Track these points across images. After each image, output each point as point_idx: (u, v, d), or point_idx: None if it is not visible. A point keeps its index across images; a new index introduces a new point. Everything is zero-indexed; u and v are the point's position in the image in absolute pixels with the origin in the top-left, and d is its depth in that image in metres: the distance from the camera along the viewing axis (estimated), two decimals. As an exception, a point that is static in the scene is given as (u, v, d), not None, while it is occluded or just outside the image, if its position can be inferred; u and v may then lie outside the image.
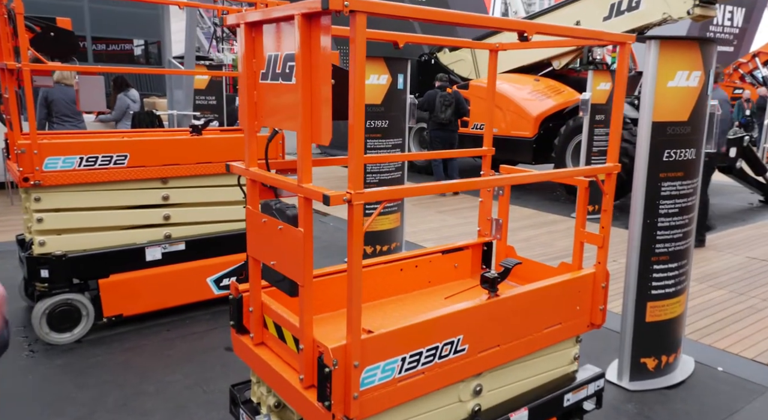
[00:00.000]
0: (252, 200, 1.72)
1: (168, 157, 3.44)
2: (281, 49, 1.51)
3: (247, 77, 1.64)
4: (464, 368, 1.74)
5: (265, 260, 1.66)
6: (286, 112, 1.53)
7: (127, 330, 3.40)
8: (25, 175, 2.99)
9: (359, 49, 1.30)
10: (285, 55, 1.49)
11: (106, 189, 3.29)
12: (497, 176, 1.86)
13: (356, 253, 1.41)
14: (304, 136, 1.43)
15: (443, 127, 7.88)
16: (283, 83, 1.51)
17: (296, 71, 1.43)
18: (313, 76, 1.40)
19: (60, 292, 3.17)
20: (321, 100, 1.39)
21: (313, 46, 1.38)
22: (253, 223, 1.70)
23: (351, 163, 1.37)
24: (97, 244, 3.30)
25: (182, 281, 3.58)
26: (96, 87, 3.59)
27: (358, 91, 1.32)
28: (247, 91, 1.65)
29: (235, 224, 3.77)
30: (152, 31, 11.70)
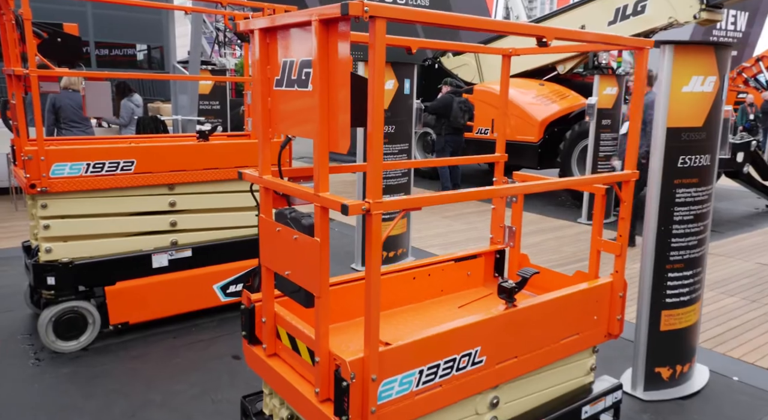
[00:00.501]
0: (265, 208, 1.69)
1: (175, 163, 3.41)
2: (297, 56, 1.49)
3: (261, 84, 1.61)
4: (482, 380, 1.70)
5: (279, 270, 1.63)
6: (302, 119, 1.50)
7: (133, 338, 3.37)
8: (32, 182, 2.97)
9: (378, 55, 1.27)
10: (301, 61, 1.47)
11: (112, 195, 3.27)
12: (515, 185, 1.82)
13: (375, 264, 1.38)
14: (321, 144, 1.40)
15: (458, 132, 7.88)
16: (299, 90, 1.48)
17: (313, 78, 1.40)
18: (330, 83, 1.37)
19: (66, 299, 3.14)
20: (338, 107, 1.36)
21: (330, 53, 1.35)
22: (266, 232, 1.67)
23: (369, 171, 1.33)
24: (103, 251, 3.27)
25: (189, 288, 3.54)
26: (103, 93, 3.57)
27: (377, 97, 1.29)
28: (261, 98, 1.62)
29: (242, 231, 3.74)
30: (155, 36, 11.73)
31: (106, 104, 3.61)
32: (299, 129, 1.53)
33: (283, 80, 1.55)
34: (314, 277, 1.45)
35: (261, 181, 1.67)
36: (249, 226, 3.78)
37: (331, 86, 1.37)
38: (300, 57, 1.47)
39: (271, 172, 1.71)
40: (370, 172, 1.33)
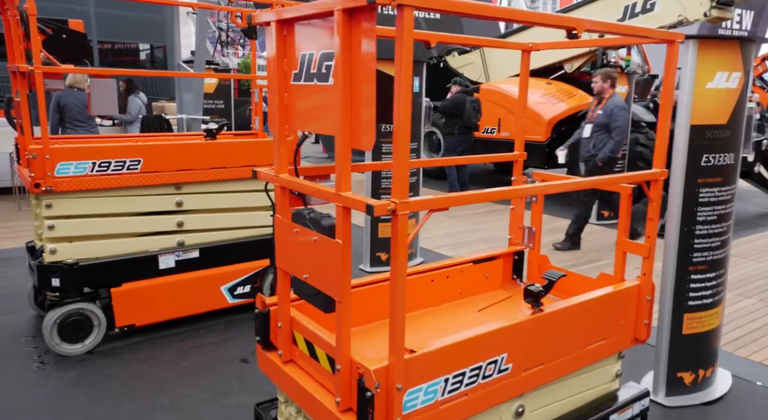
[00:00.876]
0: (282, 209, 1.62)
1: (182, 162, 3.34)
2: (317, 48, 1.41)
3: (277, 78, 1.54)
4: (508, 388, 1.62)
5: (297, 273, 1.55)
6: (322, 115, 1.43)
7: (139, 340, 3.30)
8: (37, 181, 2.90)
9: (406, 47, 1.20)
10: (321, 54, 1.39)
11: (118, 195, 3.20)
12: (539, 184, 1.74)
13: (400, 268, 1.30)
14: (343, 141, 1.33)
15: (469, 132, 7.82)
16: (319, 84, 1.41)
17: (335, 71, 1.33)
18: (354, 77, 1.29)
19: (71, 301, 3.07)
20: (362, 102, 1.28)
21: (354, 44, 1.28)
22: (283, 233, 1.60)
23: (396, 170, 1.26)
24: (109, 252, 3.20)
25: (196, 290, 3.47)
26: (108, 90, 3.50)
27: (404, 93, 1.22)
28: (278, 93, 1.55)
29: (250, 231, 3.67)
30: (158, 36, 11.69)
31: (112, 102, 3.54)
32: (319, 125, 1.46)
33: (302, 74, 1.48)
34: (335, 280, 1.38)
35: (278, 180, 1.60)
36: (257, 226, 3.71)
37: (354, 80, 1.29)
38: (320, 49, 1.40)
39: (288, 170, 1.63)
40: (397, 170, 1.26)
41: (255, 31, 4.14)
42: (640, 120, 7.12)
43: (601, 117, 5.26)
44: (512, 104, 8.61)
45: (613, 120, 5.17)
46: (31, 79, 2.96)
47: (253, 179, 3.76)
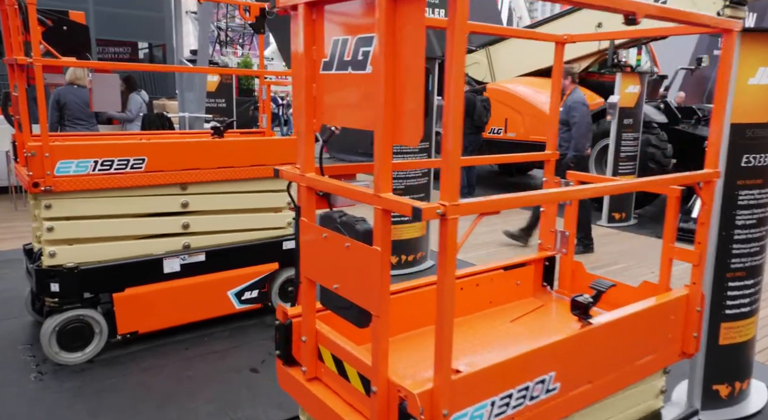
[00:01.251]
0: (308, 211, 1.47)
1: (188, 160, 3.19)
2: (352, 33, 1.26)
3: (305, 67, 1.39)
4: (555, 410, 1.47)
5: (325, 283, 1.41)
6: (357, 108, 1.28)
7: (142, 348, 3.14)
8: (35, 180, 2.74)
9: (459, 38, 1.05)
10: (357, 39, 1.25)
11: (121, 195, 3.05)
12: (582, 187, 1.58)
13: (448, 280, 1.16)
14: (384, 136, 1.18)
15: (479, 132, 7.68)
16: (354, 73, 1.26)
17: (374, 58, 1.18)
18: (397, 63, 1.15)
19: (71, 307, 2.91)
20: (407, 91, 1.13)
21: (399, 26, 1.13)
22: (309, 239, 1.45)
23: (445, 169, 1.11)
24: (111, 255, 3.05)
25: (201, 295, 3.32)
26: (111, 86, 3.35)
27: (456, 86, 1.07)
28: (305, 84, 1.40)
29: (257, 233, 3.52)
30: (157, 34, 11.53)
31: (114, 98, 3.39)
32: (353, 119, 1.31)
33: (333, 62, 1.33)
34: (372, 292, 1.23)
35: (304, 180, 1.45)
36: (265, 228, 3.56)
37: (398, 67, 1.15)
38: (356, 34, 1.25)
39: (313, 169, 1.48)
40: (446, 169, 1.11)
41: (263, 26, 3.99)
42: (651, 121, 6.99)
43: (561, 114, 5.15)
44: (520, 104, 8.49)
45: (571, 116, 5.03)
46: (30, 72, 2.80)
47: (261, 179, 3.60)
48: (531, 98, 8.23)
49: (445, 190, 1.12)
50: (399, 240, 4.57)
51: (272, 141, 3.60)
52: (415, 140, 1.14)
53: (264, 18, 3.94)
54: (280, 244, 3.59)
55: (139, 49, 12.10)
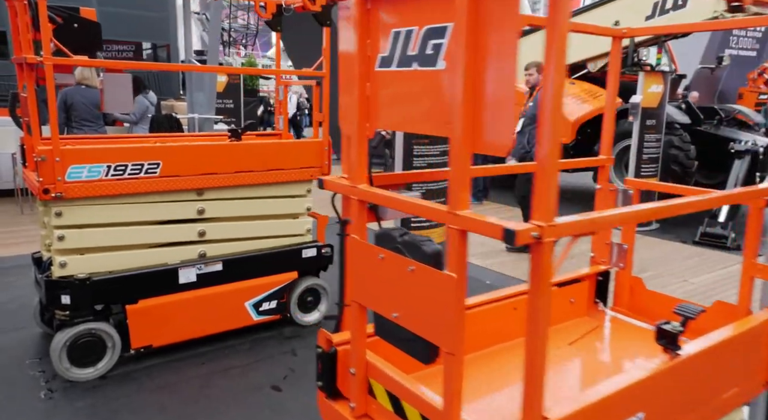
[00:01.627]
0: (359, 227, 1.30)
1: (205, 165, 3.02)
2: (420, 22, 1.09)
3: (359, 64, 1.22)
4: (641, 454, 1.29)
5: (381, 310, 1.23)
6: (425, 110, 1.10)
7: (156, 363, 2.98)
8: (46, 186, 2.58)
9: (561, 36, 0.88)
10: (426, 30, 1.07)
11: (135, 202, 2.88)
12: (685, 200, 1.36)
13: (543, 313, 0.98)
14: (462, 143, 1.00)
15: None
16: (422, 69, 1.09)
17: (449, 51, 1.01)
18: (481, 57, 0.97)
19: (83, 320, 2.74)
20: (494, 91, 0.96)
21: (484, 12, 0.96)
22: (361, 259, 1.27)
23: (541, 181, 0.94)
24: (124, 265, 2.88)
25: (218, 306, 3.15)
26: (122, 86, 3.19)
27: (557, 91, 0.90)
28: (358, 83, 1.22)
29: (276, 241, 3.35)
30: (161, 35, 11.41)
31: (126, 98, 3.23)
32: (418, 122, 1.14)
33: (393, 58, 1.16)
34: (444, 325, 1.06)
35: (355, 193, 1.27)
36: (283, 235, 3.39)
37: (482, 61, 0.97)
38: (425, 25, 1.08)
39: (363, 179, 1.31)
40: (543, 181, 0.93)
41: (280, 23, 3.83)
42: (673, 121, 6.79)
43: (532, 108, 4.94)
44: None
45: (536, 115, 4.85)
46: (39, 72, 2.64)
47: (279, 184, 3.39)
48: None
49: (541, 208, 0.94)
50: (419, 246, 4.39)
51: (292, 144, 3.44)
52: (504, 147, 0.96)
53: (281, 15, 3.78)
54: (299, 252, 3.42)
55: (144, 49, 11.98)
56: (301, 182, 3.42)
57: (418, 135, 4.23)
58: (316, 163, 3.43)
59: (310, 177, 3.43)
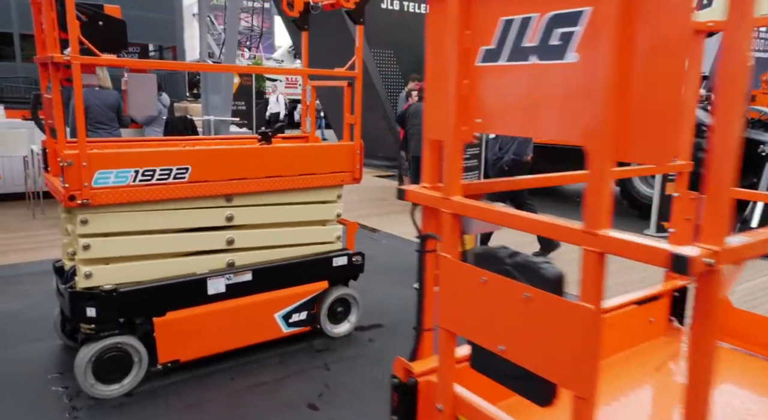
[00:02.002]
0: (452, 245, 1.14)
1: (235, 170, 2.87)
2: (541, 9, 0.94)
3: (455, 58, 1.06)
4: None
5: (483, 341, 1.07)
6: (548, 111, 0.95)
7: (184, 378, 2.82)
8: (72, 193, 2.43)
9: (746, 32, 0.72)
10: (552, 17, 0.92)
11: (163, 208, 2.73)
12: None
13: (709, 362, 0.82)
14: (605, 151, 0.85)
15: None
16: (544, 63, 0.94)
17: (584, 41, 0.85)
18: (633, 48, 0.81)
19: (109, 334, 2.60)
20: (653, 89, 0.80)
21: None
22: (456, 281, 1.11)
23: (714, 198, 0.78)
24: (151, 275, 2.73)
25: (247, 318, 3.00)
26: (147, 87, 3.05)
27: (735, 93, 0.74)
28: (454, 80, 1.07)
29: (304, 248, 3.20)
30: (167, 36, 11.34)
31: (150, 100, 3.10)
32: (537, 125, 0.98)
33: (502, 50, 1.01)
34: (574, 365, 0.90)
35: (449, 206, 1.12)
36: (312, 243, 3.24)
37: (633, 53, 0.81)
38: (549, 10, 0.92)
39: (435, 187, 1.15)
40: (716, 199, 0.78)
41: (307, 22, 3.69)
42: (701, 123, 6.61)
43: None
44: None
45: None
46: (65, 73, 2.50)
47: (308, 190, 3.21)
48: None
49: (714, 229, 0.78)
50: (448, 253, 4.23)
51: (323, 147, 3.29)
52: (664, 157, 0.81)
53: (308, 14, 3.64)
54: (329, 261, 3.27)
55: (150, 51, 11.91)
56: (331, 187, 3.27)
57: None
58: (347, 167, 3.28)
59: (340, 182, 3.28)
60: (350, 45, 2.95)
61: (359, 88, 3.31)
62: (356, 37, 3.26)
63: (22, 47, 9.80)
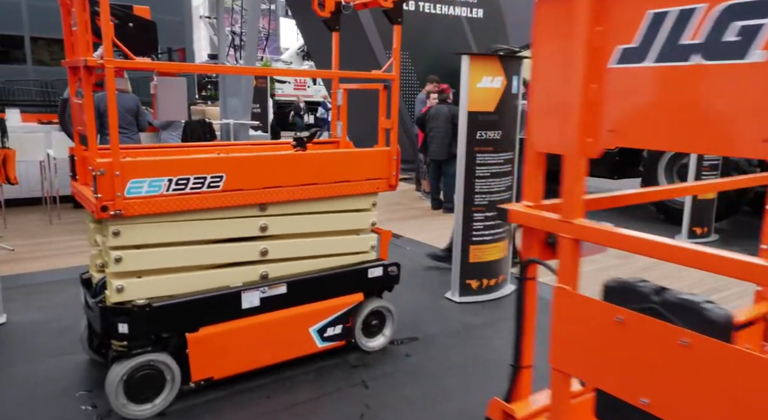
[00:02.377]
0: (571, 274, 0.99)
1: (270, 177, 2.74)
2: (708, 1, 0.79)
3: (583, 59, 0.91)
4: None
5: (617, 390, 0.92)
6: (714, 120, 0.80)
7: (217, 397, 2.69)
8: (104, 203, 2.31)
9: None
10: (728, 7, 0.77)
11: (196, 219, 2.60)
12: None
13: None
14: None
15: None
16: (713, 64, 0.78)
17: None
18: None
19: (142, 351, 2.47)
20: None
21: None
22: (579, 317, 0.96)
23: None
24: (183, 289, 2.60)
25: (282, 333, 2.86)
26: (177, 90, 2.91)
27: None
28: (580, 84, 0.92)
29: (338, 259, 3.06)
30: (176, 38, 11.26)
31: (181, 104, 2.95)
32: (699, 136, 0.83)
33: (649, 49, 0.85)
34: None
35: (569, 230, 0.96)
36: (347, 253, 3.10)
37: None
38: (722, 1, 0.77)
39: (539, 206, 1.00)
40: None
41: (339, 22, 3.55)
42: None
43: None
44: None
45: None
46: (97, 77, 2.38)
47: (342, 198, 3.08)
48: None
49: None
50: (481, 262, 4.08)
51: (359, 153, 3.14)
52: None
53: (339, 13, 3.50)
54: (365, 272, 3.13)
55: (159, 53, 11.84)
56: (366, 195, 3.13)
57: (484, 141, 3.94)
58: (383, 174, 3.14)
59: (376, 189, 3.14)
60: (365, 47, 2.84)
61: (396, 90, 3.17)
62: (394, 37, 3.12)
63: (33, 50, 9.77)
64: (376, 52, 9.01)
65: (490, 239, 4.08)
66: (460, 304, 4.01)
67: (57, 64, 8.90)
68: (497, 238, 4.12)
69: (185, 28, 11.01)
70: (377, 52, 9.05)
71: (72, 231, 5.71)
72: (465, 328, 3.63)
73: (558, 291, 1.01)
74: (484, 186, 3.99)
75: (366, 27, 8.77)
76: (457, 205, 4.05)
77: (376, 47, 9.01)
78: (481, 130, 3.90)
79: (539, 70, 1.01)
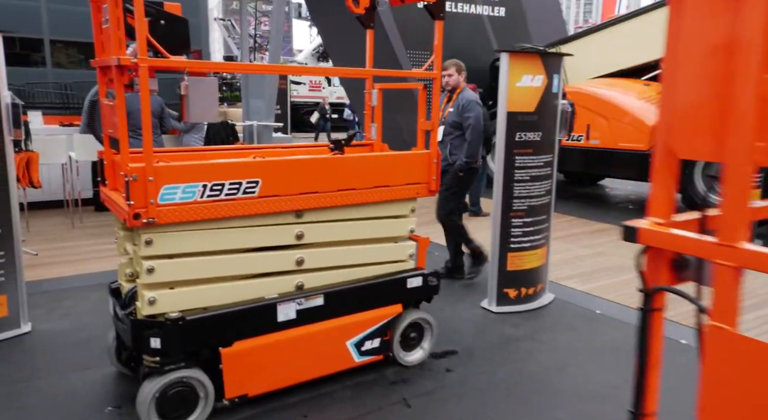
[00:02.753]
0: (732, 311, 0.81)
1: (307, 182, 2.59)
2: None
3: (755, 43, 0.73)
4: None
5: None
6: None
7: (252, 414, 2.54)
8: (137, 211, 2.17)
9: None
10: None
11: (230, 226, 2.46)
12: None
13: None
14: None
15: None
16: None
17: None
18: None
19: (175, 367, 2.33)
20: None
21: None
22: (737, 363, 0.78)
23: None
24: (217, 300, 2.46)
25: (319, 347, 2.71)
26: (209, 91, 2.78)
27: None
28: (753, 76, 0.74)
29: (376, 268, 2.89)
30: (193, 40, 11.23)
31: (212, 105, 2.81)
32: None
33: None
34: None
35: (734, 257, 0.78)
36: (384, 262, 2.93)
37: None
38: None
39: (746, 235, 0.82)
40: None
41: (373, 19, 3.40)
42: None
43: (453, 115, 4.20)
44: (605, 108, 7.70)
45: (465, 118, 4.12)
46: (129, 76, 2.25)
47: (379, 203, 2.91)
48: (621, 101, 7.46)
49: None
50: (519, 270, 3.88)
51: (397, 157, 2.98)
52: None
53: (374, 10, 3.35)
54: (404, 282, 2.96)
55: (173, 55, 11.83)
56: (405, 201, 2.97)
57: (523, 143, 3.75)
58: (422, 178, 2.97)
59: (415, 194, 2.97)
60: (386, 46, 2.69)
61: (437, 90, 3.01)
62: (435, 33, 2.95)
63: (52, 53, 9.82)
64: (397, 50, 8.86)
65: (529, 246, 3.89)
66: (498, 314, 3.82)
67: (74, 66, 8.91)
68: (537, 245, 3.92)
69: (201, 30, 10.99)
70: (398, 51, 8.88)
71: (95, 235, 5.64)
72: (505, 340, 3.44)
73: (713, 330, 0.83)
74: (523, 190, 3.80)
75: (386, 25, 8.62)
76: (495, 210, 3.86)
77: (396, 46, 8.86)
78: (520, 132, 3.71)
79: (685, 56, 0.83)
